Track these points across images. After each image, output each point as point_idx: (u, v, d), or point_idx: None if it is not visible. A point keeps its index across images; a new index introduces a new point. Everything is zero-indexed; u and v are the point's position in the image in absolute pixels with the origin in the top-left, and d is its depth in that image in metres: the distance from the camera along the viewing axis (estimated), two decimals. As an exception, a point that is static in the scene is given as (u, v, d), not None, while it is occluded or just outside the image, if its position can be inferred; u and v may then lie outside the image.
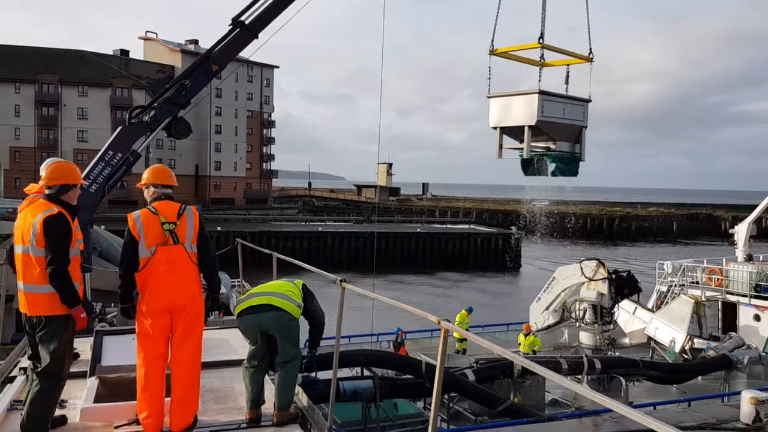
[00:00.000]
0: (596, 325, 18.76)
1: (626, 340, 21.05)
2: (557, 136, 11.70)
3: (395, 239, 58.83)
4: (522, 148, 11.74)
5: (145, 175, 5.32)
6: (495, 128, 11.91)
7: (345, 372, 13.39)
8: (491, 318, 23.43)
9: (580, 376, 15.35)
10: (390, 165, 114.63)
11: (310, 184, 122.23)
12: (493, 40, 11.55)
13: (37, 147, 75.71)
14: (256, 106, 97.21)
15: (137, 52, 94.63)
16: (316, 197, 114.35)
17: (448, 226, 72.29)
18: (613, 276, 19.08)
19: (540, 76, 11.52)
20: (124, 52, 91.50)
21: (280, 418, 5.20)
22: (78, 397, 5.56)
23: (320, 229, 62.46)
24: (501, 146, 12.04)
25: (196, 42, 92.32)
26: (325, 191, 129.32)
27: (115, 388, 5.63)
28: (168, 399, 4.99)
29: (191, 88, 14.13)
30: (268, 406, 5.35)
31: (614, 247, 77.24)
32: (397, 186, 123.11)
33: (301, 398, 5.60)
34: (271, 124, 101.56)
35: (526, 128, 11.36)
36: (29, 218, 4.86)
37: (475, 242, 61.54)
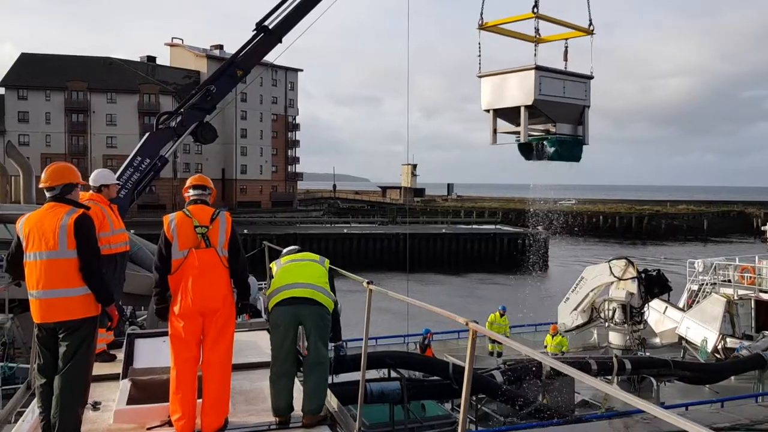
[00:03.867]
0: (626, 325, 18.55)
1: (657, 340, 20.77)
2: (557, 116, 10.53)
3: (420, 240, 58.77)
4: (518, 132, 10.53)
5: (187, 183, 5.52)
6: (488, 111, 10.76)
7: (372, 374, 13.42)
8: (519, 319, 23.23)
9: (609, 377, 15.18)
10: (414, 166, 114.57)
11: (335, 186, 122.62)
12: (482, 14, 10.57)
13: (68, 153, 77.04)
14: (281, 109, 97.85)
15: (164, 58, 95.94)
16: (341, 199, 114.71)
17: (474, 226, 71.99)
18: (643, 275, 18.86)
19: (536, 52, 10.37)
20: (151, 59, 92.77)
21: (309, 420, 5.23)
22: (111, 399, 5.65)
23: (345, 231, 62.65)
24: (495, 131, 10.79)
25: (221, 47, 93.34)
26: (350, 193, 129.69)
27: (147, 390, 5.71)
28: (199, 401, 5.05)
29: (217, 94, 14.32)
30: (296, 407, 5.37)
31: (643, 246, 76.15)
32: (421, 187, 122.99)
33: (330, 400, 5.62)
34: (295, 127, 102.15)
35: (522, 109, 10.17)
36: (49, 222, 4.80)
37: (501, 242, 61.19)
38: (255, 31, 14.24)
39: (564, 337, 18.79)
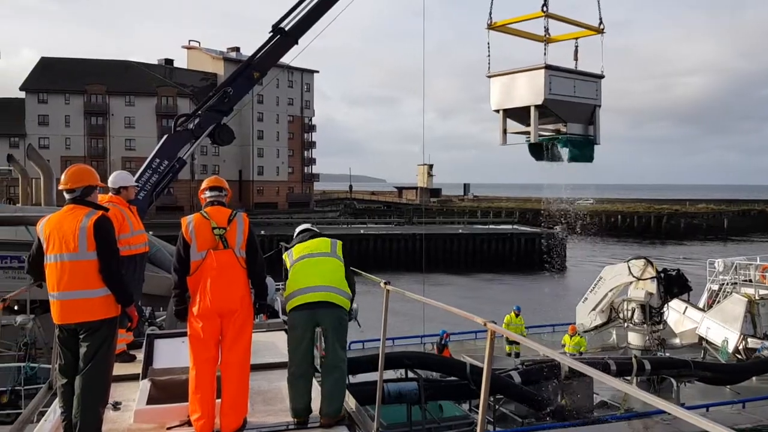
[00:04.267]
0: (645, 325, 18.42)
1: (677, 341, 20.56)
2: (568, 116, 10.40)
3: (437, 240, 58.66)
4: (528, 132, 10.41)
5: (203, 185, 5.51)
6: (497, 111, 10.65)
7: (389, 374, 13.43)
8: (536, 319, 23.13)
9: (629, 378, 15.06)
10: (431, 166, 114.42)
11: (351, 186, 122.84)
12: (491, 13, 10.44)
13: (87, 156, 77.88)
14: (297, 110, 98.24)
15: (181, 61, 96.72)
16: (357, 200, 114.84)
17: (491, 226, 71.73)
18: (662, 275, 18.71)
19: (545, 51, 10.25)
20: (169, 62, 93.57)
21: (327, 420, 5.24)
22: (131, 399, 5.70)
23: (362, 231, 62.70)
24: (505, 131, 10.68)
25: (237, 49, 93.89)
26: (366, 194, 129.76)
27: (166, 390, 5.75)
28: (218, 401, 5.08)
29: (234, 96, 14.41)
30: (315, 407, 5.38)
31: (662, 245, 75.43)
32: (438, 187, 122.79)
33: (348, 400, 5.62)
34: (312, 128, 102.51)
35: (532, 109, 10.03)
36: (69, 224, 4.85)
37: (518, 242, 60.90)
38: (271, 33, 14.31)
39: (582, 338, 18.68)
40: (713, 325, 19.60)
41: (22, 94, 79.52)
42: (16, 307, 12.20)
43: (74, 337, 4.87)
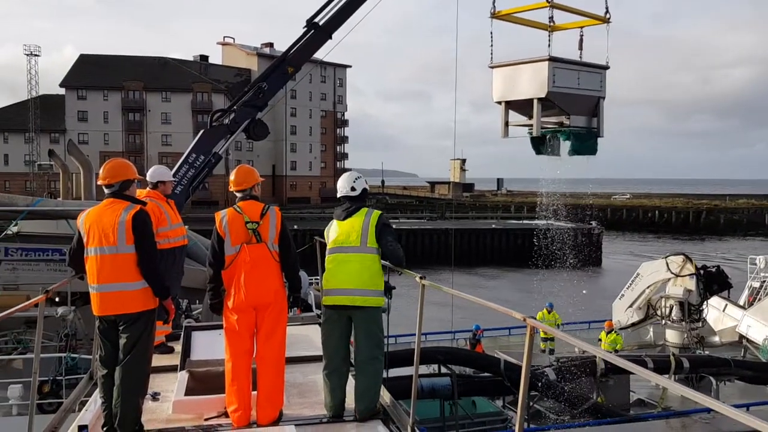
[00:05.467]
0: (684, 322, 18.08)
1: (716, 339, 20.12)
2: (571, 109, 10.10)
3: (470, 235, 58.34)
4: (531, 125, 10.14)
5: (232, 177, 5.46)
6: (499, 103, 10.38)
7: (421, 369, 13.41)
8: (572, 316, 22.83)
9: (667, 376, 14.79)
10: (463, 161, 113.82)
11: (383, 181, 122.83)
12: (494, 2, 10.23)
13: (125, 151, 79.39)
14: (330, 105, 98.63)
15: (216, 57, 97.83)
16: (389, 195, 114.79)
17: (525, 221, 71.07)
18: (702, 271, 18.32)
19: (550, 42, 9.97)
20: (204, 58, 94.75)
21: (362, 414, 5.25)
22: (170, 390, 5.79)
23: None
24: (507, 123, 10.39)
25: (271, 45, 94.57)
26: (398, 188, 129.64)
27: (204, 381, 5.83)
28: (254, 393, 5.12)
29: (268, 91, 14.47)
30: (351, 400, 5.38)
31: (701, 241, 73.84)
32: (470, 182, 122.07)
33: (383, 395, 5.61)
34: (344, 123, 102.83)
35: (535, 101, 9.77)
36: (108, 218, 4.92)
37: (552, 237, 60.22)
38: (305, 28, 14.33)
39: (619, 335, 18.40)
40: (754, 323, 19.12)
41: (62, 91, 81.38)
42: (57, 299, 12.47)
43: (114, 328, 4.95)
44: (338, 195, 5.61)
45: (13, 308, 4.71)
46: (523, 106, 10.24)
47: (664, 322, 18.69)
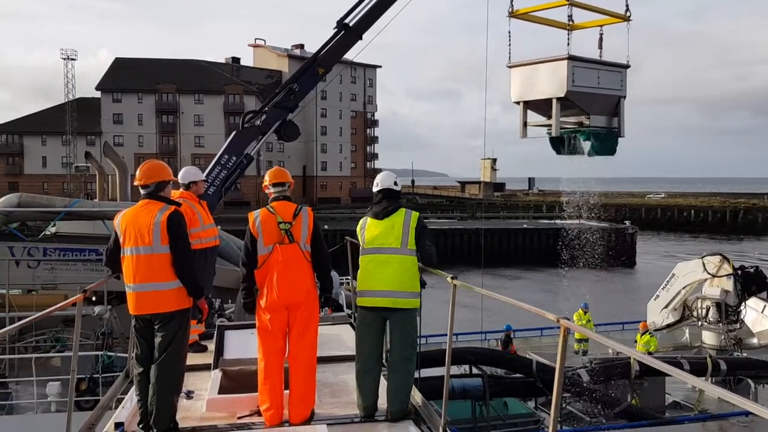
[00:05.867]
0: (721, 324, 17.72)
1: (754, 341, 19.64)
2: (591, 108, 9.97)
3: (501, 235, 57.95)
4: (550, 125, 9.99)
5: (266, 178, 5.51)
6: (518, 103, 10.26)
7: (452, 370, 13.36)
8: (605, 317, 22.53)
9: (703, 378, 14.51)
10: (494, 160, 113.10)
11: (413, 181, 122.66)
12: (512, 1, 10.12)
13: (159, 153, 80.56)
14: (360, 106, 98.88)
15: (247, 59, 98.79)
16: (419, 194, 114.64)
17: (557, 221, 70.32)
18: (739, 272, 17.94)
19: (569, 41, 9.80)
20: (236, 60, 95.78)
21: (394, 414, 5.24)
22: (203, 388, 5.86)
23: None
24: (525, 124, 10.26)
25: (302, 46, 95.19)
26: (428, 188, 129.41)
27: (236, 380, 5.89)
28: (286, 392, 5.15)
29: (299, 92, 14.58)
30: (383, 400, 5.38)
31: (738, 241, 72.21)
32: (501, 181, 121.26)
33: (415, 395, 5.61)
34: (374, 123, 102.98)
35: (554, 101, 9.63)
36: (144, 219, 5.00)
37: (584, 237, 59.48)
38: (336, 29, 14.40)
39: (653, 336, 18.09)
40: (795, 325, 18.65)
41: (98, 94, 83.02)
42: (94, 298, 12.72)
43: (149, 327, 5.03)
44: (378, 188, 5.54)
45: (52, 307, 4.81)
46: (541, 106, 10.13)
47: (700, 323, 18.36)
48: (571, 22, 9.91)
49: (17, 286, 13.92)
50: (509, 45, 10.15)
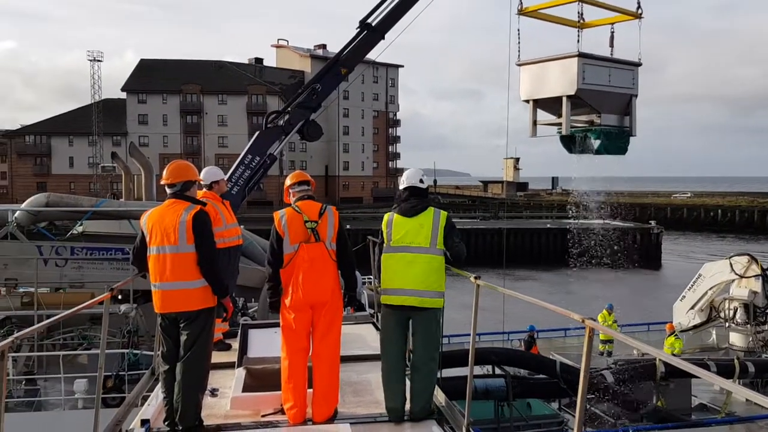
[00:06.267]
0: (749, 325, 17.43)
1: (784, 342, 19.32)
2: (602, 107, 9.83)
3: (524, 235, 57.62)
4: (560, 124, 9.85)
5: (287, 182, 5.54)
6: (527, 101, 10.10)
7: (475, 370, 13.30)
8: (630, 318, 22.29)
9: (731, 381, 14.28)
10: (517, 159, 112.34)
11: (435, 181, 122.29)
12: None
13: (183, 153, 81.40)
14: (382, 106, 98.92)
15: (270, 60, 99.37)
16: (441, 194, 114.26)
17: (581, 221, 69.69)
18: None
19: (579, 38, 9.64)
20: (259, 60, 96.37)
21: (417, 414, 5.22)
22: (227, 386, 5.91)
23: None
24: (535, 122, 10.14)
25: (324, 47, 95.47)
26: (451, 188, 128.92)
27: (260, 378, 5.93)
28: (309, 391, 5.17)
29: (322, 92, 14.62)
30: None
31: (767, 241, 70.97)
32: (524, 181, 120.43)
33: (438, 395, 5.60)
34: (396, 123, 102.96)
35: (564, 99, 9.48)
36: (170, 218, 5.04)
37: (609, 237, 58.88)
38: (358, 29, 14.42)
39: (678, 339, 17.84)
40: (825, 327, 18.28)
41: (123, 95, 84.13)
42: (120, 297, 12.90)
43: (175, 325, 5.08)
44: (404, 185, 5.44)
45: (80, 305, 4.88)
46: (551, 105, 10.00)
47: (727, 324, 18.09)
48: (581, 20, 9.80)
49: (45, 284, 14.15)
50: (518, 43, 10.04)
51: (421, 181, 5.44)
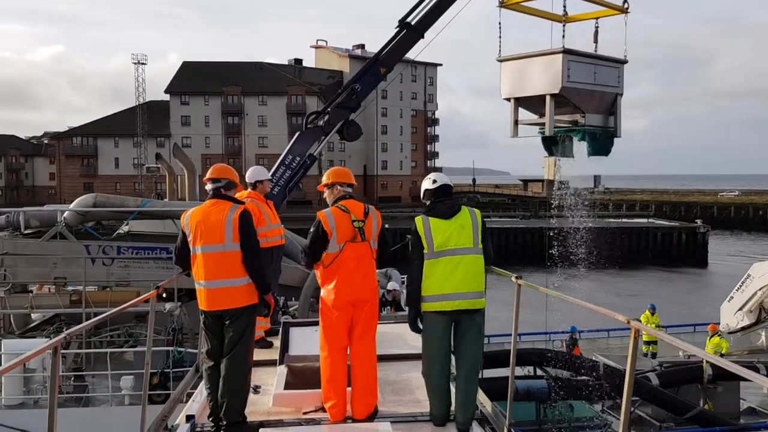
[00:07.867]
0: (801, 327, 16.85)
1: (838, 346, 18.66)
2: (586, 106, 9.34)
3: (565, 234, 56.83)
4: (543, 124, 9.36)
5: (328, 176, 5.49)
6: (508, 100, 9.58)
7: (516, 371, 13.17)
8: (675, 318, 21.81)
9: (782, 384, 13.85)
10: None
11: (474, 180, 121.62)
12: None
13: (224, 153, 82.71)
14: (420, 104, 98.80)
15: (309, 60, 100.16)
16: (480, 193, 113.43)
17: (624, 220, 68.45)
18: (821, 273, 17.03)
19: (564, 33, 9.11)
20: (298, 61, 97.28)
21: (464, 424, 5.07)
22: (270, 383, 5.98)
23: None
24: (516, 122, 9.62)
25: (362, 47, 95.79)
26: (490, 187, 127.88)
27: (301, 376, 5.99)
28: (348, 389, 5.20)
29: (361, 92, 14.66)
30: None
31: (820, 240, 68.61)
32: (566, 180, 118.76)
33: (479, 396, 5.55)
34: (434, 122, 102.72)
35: (547, 98, 9.00)
36: (215, 217, 5.12)
37: (654, 237, 57.74)
38: (397, 28, 14.41)
39: (724, 339, 17.35)
40: None
41: (167, 97, 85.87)
42: (164, 295, 13.15)
43: (219, 323, 5.17)
44: (437, 185, 5.27)
45: (127, 303, 5.00)
46: (534, 103, 9.57)
47: (777, 326, 17.53)
48: (565, 14, 9.34)
49: (93, 283, 14.51)
50: (499, 38, 9.55)
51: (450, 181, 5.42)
